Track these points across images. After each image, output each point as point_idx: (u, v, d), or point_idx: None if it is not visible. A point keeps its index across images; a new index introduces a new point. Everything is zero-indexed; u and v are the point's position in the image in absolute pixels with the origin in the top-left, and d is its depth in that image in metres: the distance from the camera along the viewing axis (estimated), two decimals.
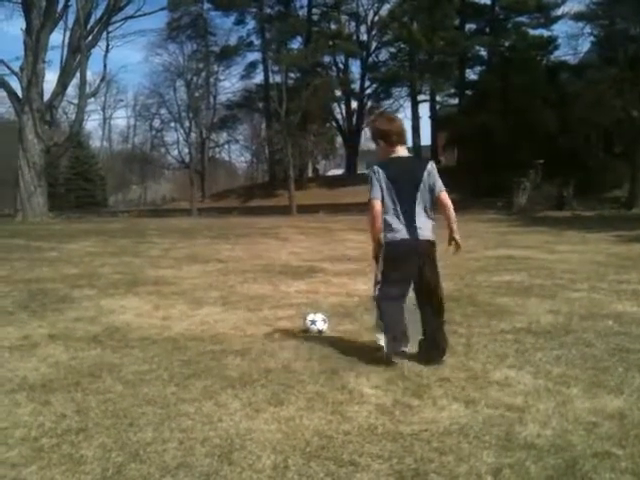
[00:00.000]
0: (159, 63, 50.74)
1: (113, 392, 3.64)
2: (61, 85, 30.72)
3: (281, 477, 2.60)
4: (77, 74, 31.19)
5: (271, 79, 47.27)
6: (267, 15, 47.23)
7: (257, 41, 49.28)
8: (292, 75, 44.76)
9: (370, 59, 47.72)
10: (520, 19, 42.95)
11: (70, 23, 30.72)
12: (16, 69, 29.20)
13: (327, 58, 48.03)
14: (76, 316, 5.89)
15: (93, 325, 5.48)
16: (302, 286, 7.65)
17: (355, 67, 49.96)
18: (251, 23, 49.27)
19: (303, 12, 47.60)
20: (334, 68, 49.62)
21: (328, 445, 2.87)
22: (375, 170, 4.26)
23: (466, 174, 35.24)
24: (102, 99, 61.99)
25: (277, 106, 38.49)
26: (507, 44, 41.17)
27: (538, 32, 41.58)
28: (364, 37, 47.86)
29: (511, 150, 30.37)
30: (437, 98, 47.63)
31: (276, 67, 44.92)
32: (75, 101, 35.70)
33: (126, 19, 33.82)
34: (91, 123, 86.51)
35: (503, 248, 11.99)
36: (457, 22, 44.07)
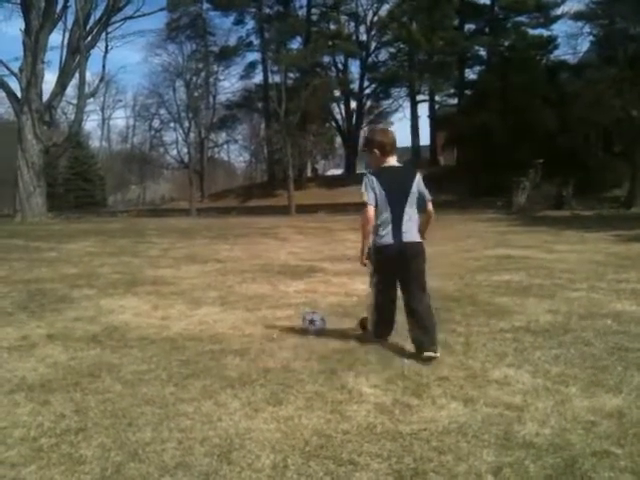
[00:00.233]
0: (158, 63, 50.77)
1: (112, 392, 3.64)
2: (60, 85, 30.72)
3: (280, 476, 2.59)
4: (76, 74, 31.25)
5: (270, 79, 47.27)
6: (266, 15, 47.21)
7: (256, 41, 49.27)
8: (291, 75, 44.72)
9: (369, 59, 47.72)
10: (519, 19, 42.97)
11: (69, 24, 30.76)
12: (15, 70, 29.24)
13: (326, 58, 48.03)
14: (75, 316, 5.88)
15: (92, 325, 5.48)
16: (301, 286, 7.65)
17: (354, 67, 49.99)
18: (250, 23, 49.26)
19: (302, 12, 47.59)
20: (333, 68, 49.64)
21: (327, 444, 2.87)
22: (369, 177, 4.55)
23: (465, 174, 35.26)
24: (101, 99, 62.10)
25: (276, 106, 38.49)
26: (506, 44, 41.17)
27: (537, 32, 41.60)
28: (363, 37, 47.90)
29: (510, 150, 30.36)
30: (436, 98, 47.65)
31: (275, 67, 44.90)
32: (74, 101, 35.73)
33: (125, 20, 33.86)
34: (90, 123, 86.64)
35: (502, 248, 11.98)
36: (456, 22, 44.07)
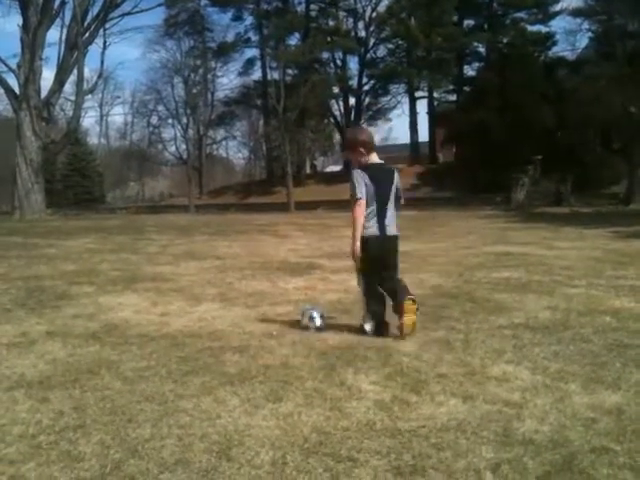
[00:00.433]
0: (156, 60, 50.77)
1: (111, 389, 3.64)
2: (58, 82, 30.69)
3: (280, 473, 2.60)
4: (74, 71, 31.22)
5: (269, 75, 47.26)
6: (265, 11, 47.12)
7: (255, 37, 49.22)
8: (290, 72, 44.68)
9: (368, 55, 47.64)
10: (518, 15, 43.01)
11: (67, 20, 30.73)
12: (13, 66, 29.22)
13: (325, 54, 47.97)
14: (74, 313, 5.88)
15: (91, 322, 5.48)
16: (300, 283, 7.65)
17: (353, 63, 49.93)
18: (249, 19, 49.20)
19: (301, 8, 47.55)
20: (332, 64, 49.59)
21: (326, 441, 2.88)
22: (359, 172, 4.79)
23: (464, 170, 35.28)
24: (99, 96, 62.01)
25: (275, 102, 38.44)
26: (505, 40, 41.20)
27: (536, 28, 41.69)
28: (362, 33, 47.83)
29: (509, 146, 30.36)
30: (435, 94, 47.67)
31: (274, 63, 44.88)
32: (72, 98, 35.69)
33: (123, 16, 33.85)
34: (88, 120, 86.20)
35: (501, 244, 11.99)
36: (455, 18, 44.07)
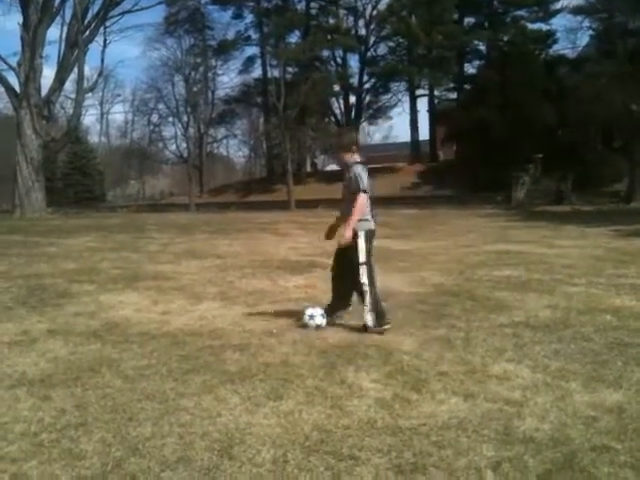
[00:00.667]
0: (157, 58, 50.63)
1: (112, 387, 3.64)
2: (59, 80, 30.65)
3: (281, 471, 2.60)
4: (75, 69, 31.16)
5: (269, 73, 47.19)
6: (265, 9, 47.06)
7: (255, 35, 49.13)
8: (290, 70, 44.63)
9: (368, 53, 47.56)
10: (519, 13, 42.93)
11: (67, 18, 30.65)
12: (13, 64, 29.15)
13: (325, 52, 47.89)
14: (75, 311, 5.89)
15: (92, 320, 5.48)
16: (301, 281, 7.65)
17: (353, 61, 49.84)
18: (249, 17, 49.09)
19: (301, 6, 47.43)
20: (332, 62, 49.50)
21: (327, 439, 2.88)
22: (361, 167, 5.06)
23: (465, 169, 35.25)
24: (100, 94, 61.85)
25: (275, 101, 38.40)
26: (506, 38, 41.12)
27: (537, 26, 41.56)
28: (362, 31, 47.72)
29: (510, 145, 30.33)
30: (435, 93, 47.58)
31: (274, 61, 44.83)
32: (73, 96, 35.60)
33: (123, 14, 33.72)
34: (89, 118, 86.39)
35: (502, 243, 11.99)
36: (456, 16, 43.99)
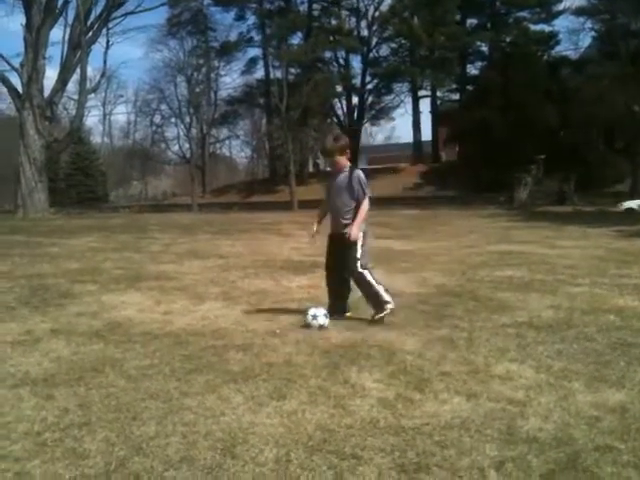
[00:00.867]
0: (159, 59, 50.76)
1: (116, 386, 3.65)
2: (61, 81, 30.71)
3: (284, 470, 2.60)
4: (77, 70, 31.19)
5: (272, 74, 47.20)
6: (267, 10, 47.11)
7: (257, 37, 49.21)
8: (293, 71, 44.69)
9: (371, 54, 47.58)
10: (521, 14, 42.93)
11: (70, 19, 30.71)
12: (16, 65, 29.21)
13: (328, 53, 47.93)
14: (78, 311, 5.89)
15: (95, 320, 5.49)
16: (304, 281, 7.65)
17: (356, 62, 49.88)
18: (251, 19, 49.20)
19: (303, 7, 47.51)
20: (335, 63, 49.54)
21: (330, 439, 2.88)
22: (362, 173, 5.33)
23: (467, 169, 35.25)
24: (102, 95, 62.00)
25: (278, 101, 38.43)
26: (508, 39, 41.14)
27: (539, 27, 41.60)
28: (365, 32, 47.75)
29: (512, 145, 30.32)
30: (438, 93, 47.60)
31: (277, 63, 44.84)
32: (75, 97, 35.76)
33: (126, 15, 33.80)
34: (91, 119, 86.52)
35: (504, 243, 11.99)
36: (458, 17, 44.02)
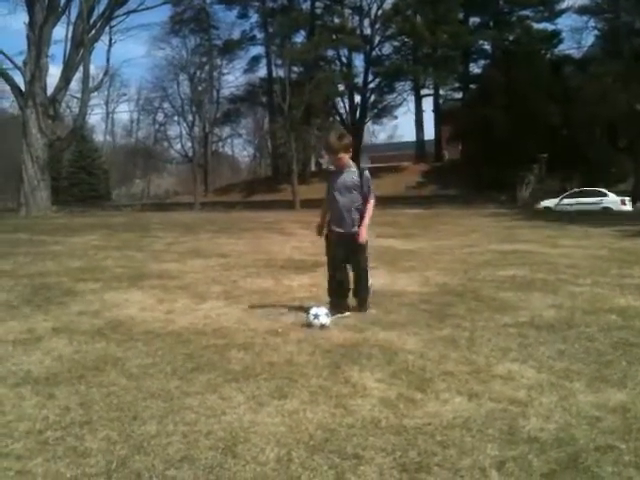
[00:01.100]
0: (162, 57, 50.89)
1: (117, 385, 3.65)
2: (64, 79, 30.76)
3: (285, 470, 2.60)
4: (80, 68, 31.25)
5: (274, 73, 47.29)
6: (270, 9, 47.13)
7: (260, 35, 49.27)
8: (295, 69, 44.72)
9: (373, 53, 47.58)
10: (524, 13, 42.90)
11: (73, 17, 30.81)
12: (19, 63, 29.29)
13: (330, 52, 47.95)
14: (80, 310, 5.90)
15: (97, 319, 5.49)
16: (305, 280, 7.64)
17: (358, 61, 50.05)
18: (254, 17, 49.27)
19: (306, 6, 47.53)
20: (337, 62, 49.55)
21: (332, 438, 2.88)
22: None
23: (469, 168, 35.25)
24: (105, 93, 62.16)
25: (280, 100, 38.48)
26: (511, 38, 41.12)
27: (542, 26, 41.59)
28: (367, 31, 47.75)
29: (514, 144, 30.30)
30: (441, 92, 47.62)
31: (279, 61, 44.88)
32: (78, 95, 35.81)
33: (129, 13, 33.92)
34: (94, 117, 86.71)
35: (506, 242, 11.98)
36: (461, 16, 43.99)
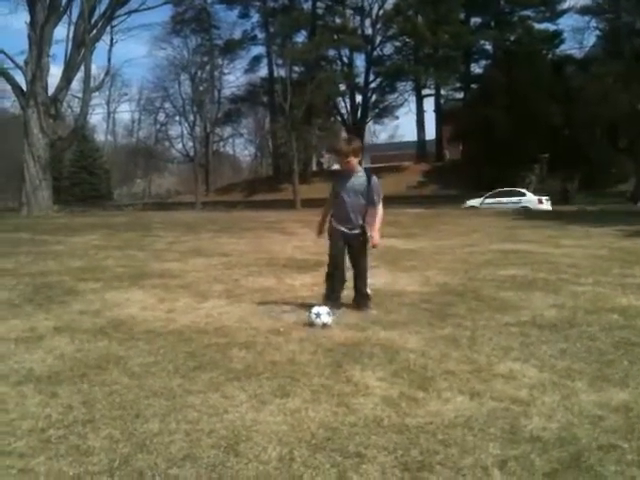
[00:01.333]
0: (163, 57, 50.97)
1: (119, 384, 3.65)
2: (65, 79, 30.76)
3: (287, 468, 2.60)
4: (81, 68, 31.23)
5: (275, 73, 47.35)
6: (271, 8, 47.16)
7: (261, 35, 49.34)
8: (296, 69, 44.70)
9: (375, 53, 47.62)
10: (525, 13, 42.93)
11: (74, 17, 30.79)
12: (21, 63, 29.29)
13: (332, 52, 48.03)
14: (81, 309, 5.90)
15: (98, 318, 5.49)
16: (307, 279, 7.64)
17: (360, 61, 50.27)
18: (255, 16, 49.35)
19: (307, 6, 47.60)
20: (339, 62, 49.61)
21: (334, 437, 2.88)
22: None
23: (470, 168, 35.25)
24: (106, 93, 62.33)
25: (281, 100, 38.49)
26: (512, 38, 41.13)
27: (543, 26, 41.64)
28: (369, 31, 47.80)
29: (516, 144, 30.33)
30: (442, 92, 47.66)
31: (280, 61, 44.89)
32: (80, 95, 35.74)
33: (130, 13, 33.84)
34: (95, 117, 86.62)
35: (507, 242, 11.97)
36: (462, 16, 44.01)
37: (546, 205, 28.49)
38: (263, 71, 51.13)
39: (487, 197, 30.42)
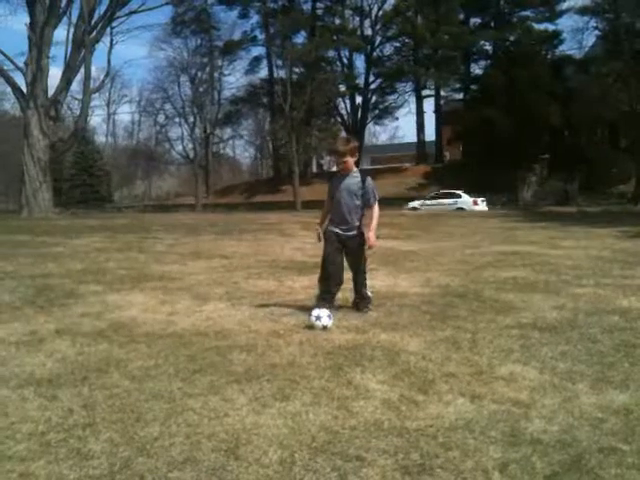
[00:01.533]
0: (163, 58, 51.14)
1: (120, 387, 3.65)
2: (65, 80, 30.77)
3: (287, 472, 2.60)
4: (81, 69, 31.27)
5: (275, 74, 47.39)
6: (271, 9, 47.19)
7: (261, 35, 49.39)
8: (296, 70, 44.72)
9: (374, 54, 47.64)
10: (525, 13, 42.98)
11: (74, 18, 30.82)
12: (20, 64, 29.32)
13: (331, 53, 48.09)
14: (82, 311, 5.90)
15: (99, 320, 5.49)
16: (307, 282, 7.63)
17: (359, 62, 50.37)
18: (255, 17, 49.37)
19: (307, 6, 47.67)
20: (338, 63, 49.66)
21: (334, 440, 2.88)
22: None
23: (470, 169, 35.22)
24: (106, 94, 62.44)
25: (281, 101, 38.53)
26: (512, 38, 41.14)
27: (543, 26, 41.68)
28: (368, 32, 47.84)
29: (516, 145, 30.33)
30: (442, 93, 47.70)
31: (280, 62, 44.93)
32: (79, 96, 35.76)
33: (130, 14, 33.90)
34: (95, 118, 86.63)
35: (508, 244, 11.98)
36: (462, 16, 44.05)
37: (481, 206, 29.48)
38: (263, 72, 51.28)
39: (427, 199, 32.12)
